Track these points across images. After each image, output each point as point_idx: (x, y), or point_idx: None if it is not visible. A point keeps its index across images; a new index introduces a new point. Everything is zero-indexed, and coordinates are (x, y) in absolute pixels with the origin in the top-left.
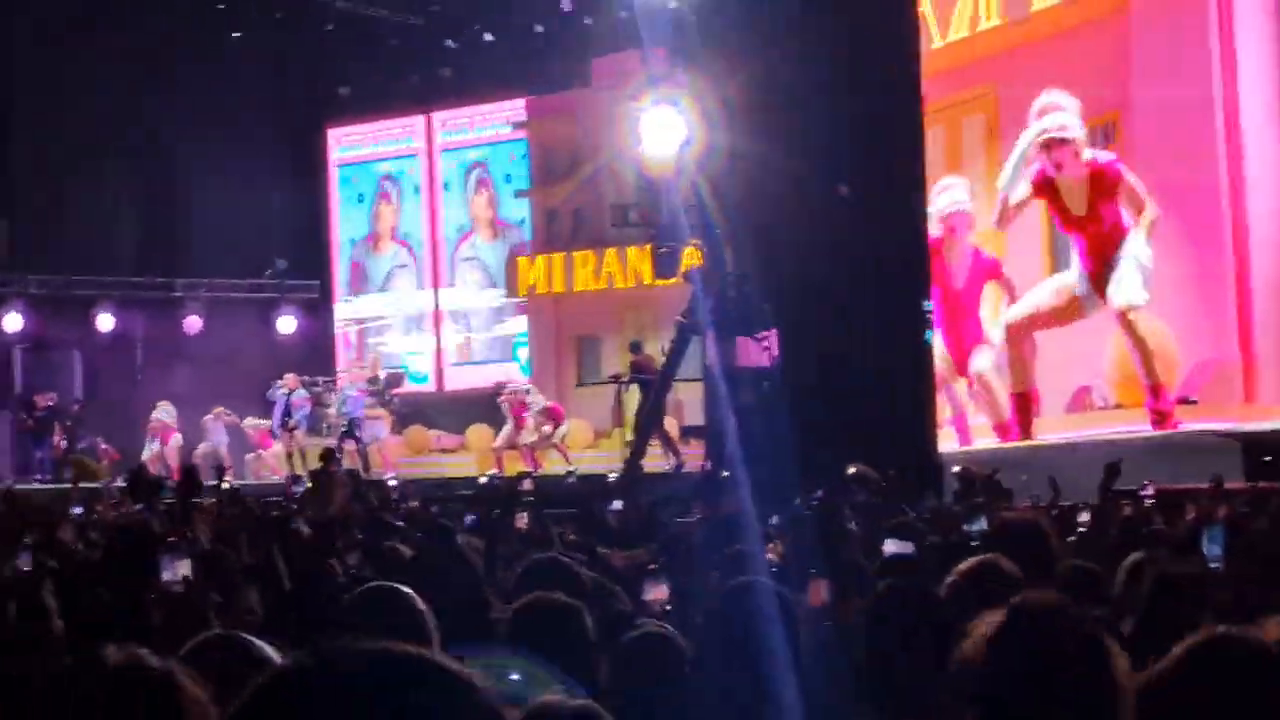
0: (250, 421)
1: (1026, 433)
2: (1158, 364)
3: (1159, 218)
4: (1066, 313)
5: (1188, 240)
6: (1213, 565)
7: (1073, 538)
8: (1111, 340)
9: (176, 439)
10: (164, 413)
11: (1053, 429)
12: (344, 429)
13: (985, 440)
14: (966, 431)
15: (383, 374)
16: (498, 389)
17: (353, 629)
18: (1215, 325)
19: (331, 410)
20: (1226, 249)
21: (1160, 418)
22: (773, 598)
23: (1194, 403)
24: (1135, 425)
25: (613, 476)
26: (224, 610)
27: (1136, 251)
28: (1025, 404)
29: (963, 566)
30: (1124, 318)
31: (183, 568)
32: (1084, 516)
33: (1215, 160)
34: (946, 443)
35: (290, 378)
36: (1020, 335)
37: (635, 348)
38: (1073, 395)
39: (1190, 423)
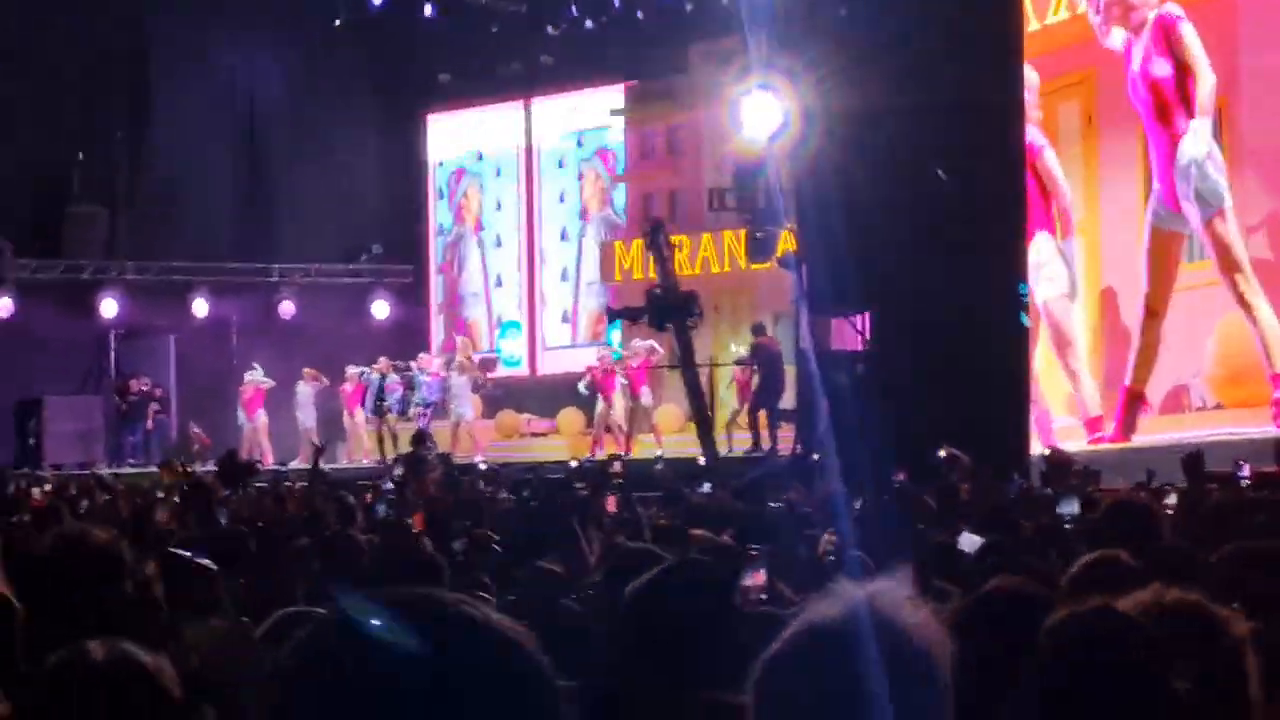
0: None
1: (1128, 434)
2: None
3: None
4: (1174, 260)
5: None
6: None
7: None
8: (1215, 335)
9: (262, 417)
10: (252, 375)
11: (1147, 431)
12: (422, 412)
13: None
14: (1048, 431)
15: (476, 358)
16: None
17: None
18: None
19: (416, 394)
20: None
21: None
22: None
23: None
24: (1242, 426)
25: (701, 460)
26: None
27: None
28: (1136, 401)
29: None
30: (1241, 297)
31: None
32: (1171, 499)
33: None
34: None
35: (383, 361)
36: (1156, 315)
37: (758, 330)
38: (1166, 395)
39: None
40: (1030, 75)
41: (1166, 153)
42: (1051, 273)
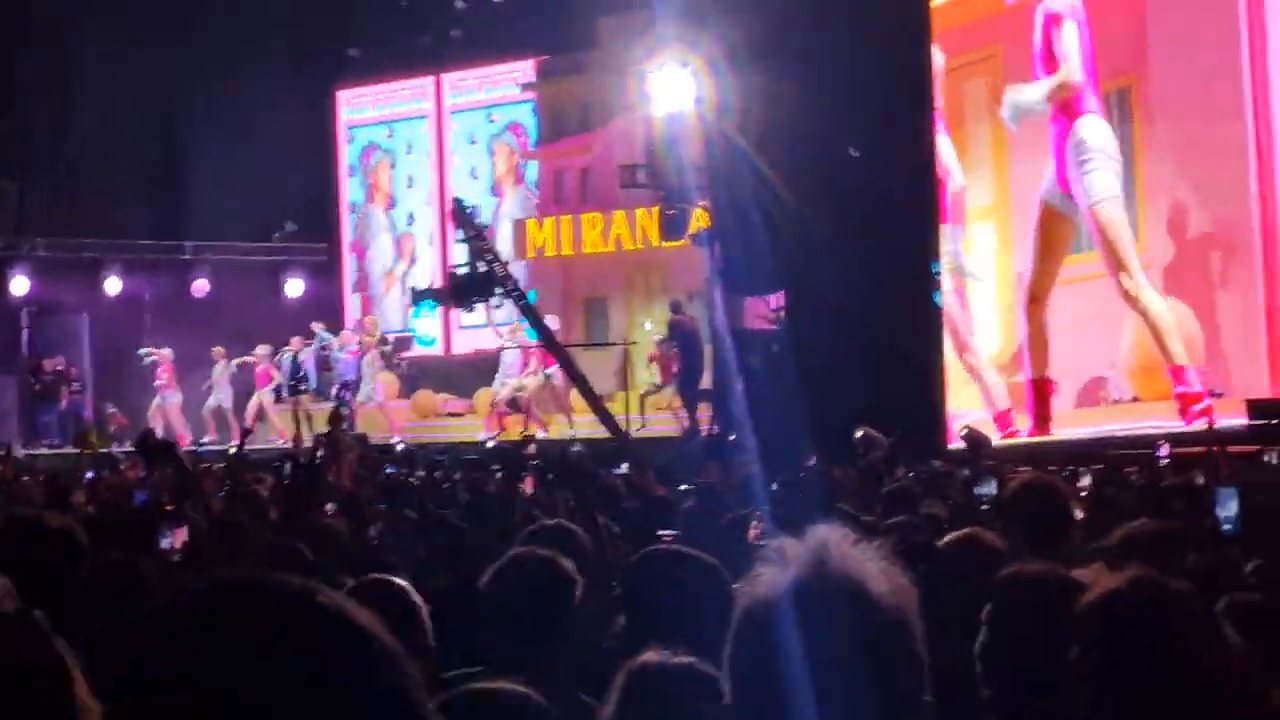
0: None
1: (1044, 427)
2: (1177, 342)
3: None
4: (1060, 243)
5: (1211, 210)
6: (1225, 528)
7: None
8: (1128, 323)
9: (176, 397)
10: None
11: (1064, 424)
12: (336, 391)
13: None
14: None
15: (390, 336)
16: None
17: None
18: (1242, 304)
19: (330, 373)
20: (1254, 221)
21: (1187, 403)
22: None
23: (1219, 395)
24: (1159, 420)
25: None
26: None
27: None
28: (1043, 392)
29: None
30: (1127, 294)
31: (180, 536)
32: (1085, 481)
33: (1243, 124)
34: None
35: (295, 341)
36: (1039, 301)
37: (675, 307)
38: (1082, 387)
39: (1226, 418)
40: (935, 56)
41: (1063, 129)
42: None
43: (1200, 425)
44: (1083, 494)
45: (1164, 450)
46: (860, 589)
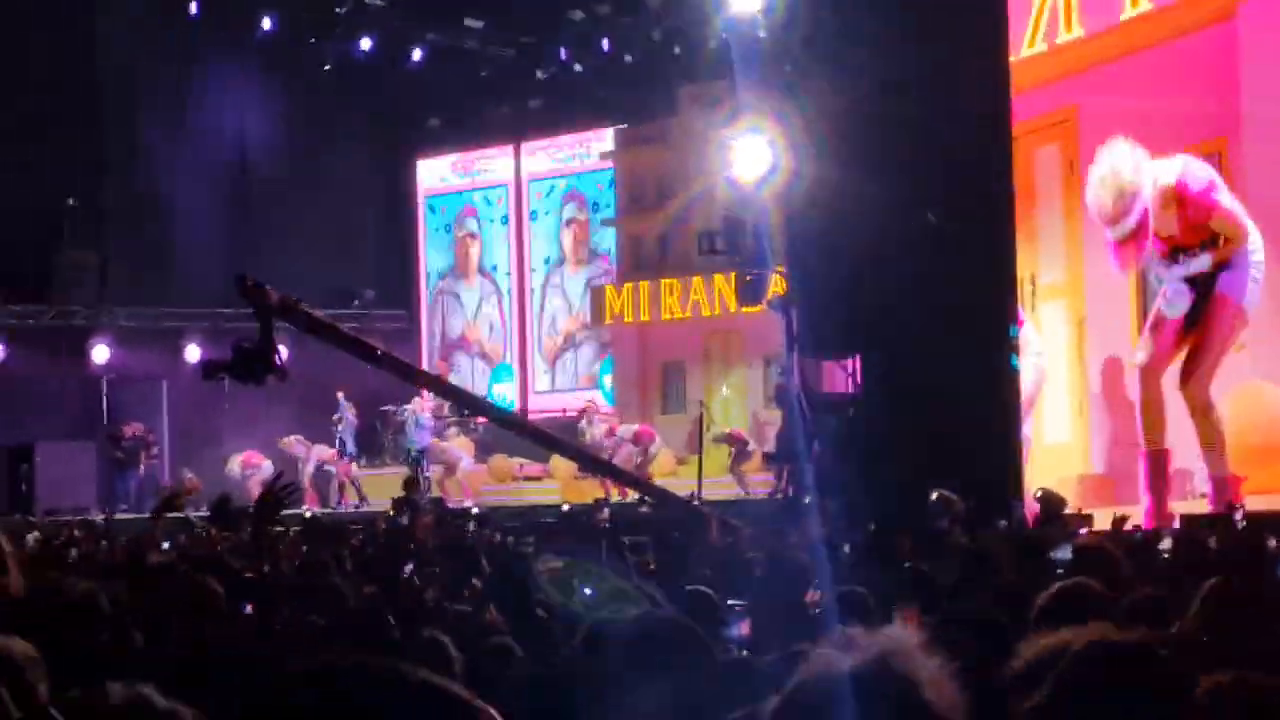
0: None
1: (1162, 505)
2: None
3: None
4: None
5: None
6: None
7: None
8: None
9: (267, 468)
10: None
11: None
12: (413, 457)
13: None
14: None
15: None
16: (583, 411)
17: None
18: None
19: (405, 438)
20: None
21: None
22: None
23: None
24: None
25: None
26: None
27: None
28: (1161, 465)
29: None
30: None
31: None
32: (1166, 544)
33: None
34: None
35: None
36: (1156, 370)
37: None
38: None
39: None
40: None
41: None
42: None
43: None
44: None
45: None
46: (914, 693)
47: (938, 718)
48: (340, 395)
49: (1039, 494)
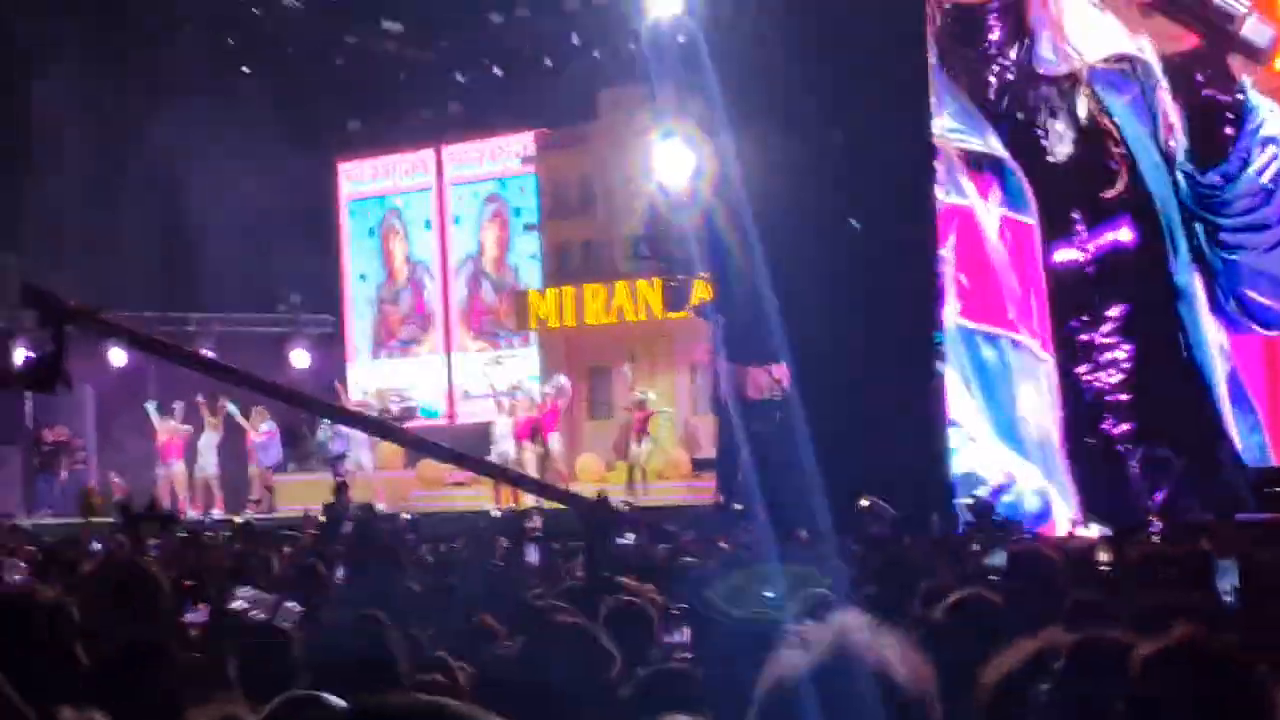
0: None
1: None
2: None
3: None
4: None
5: None
6: (1225, 599)
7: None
8: None
9: (179, 467)
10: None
11: None
12: (331, 461)
13: None
14: None
15: (394, 408)
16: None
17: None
18: None
19: (320, 445)
20: None
21: None
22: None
23: None
24: None
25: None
26: None
27: None
28: None
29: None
30: None
31: (203, 612)
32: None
33: None
34: None
35: (257, 412)
36: None
37: None
38: None
39: None
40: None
41: None
42: None
43: None
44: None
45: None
46: (880, 671)
47: (907, 691)
48: (256, 410)
49: (969, 501)
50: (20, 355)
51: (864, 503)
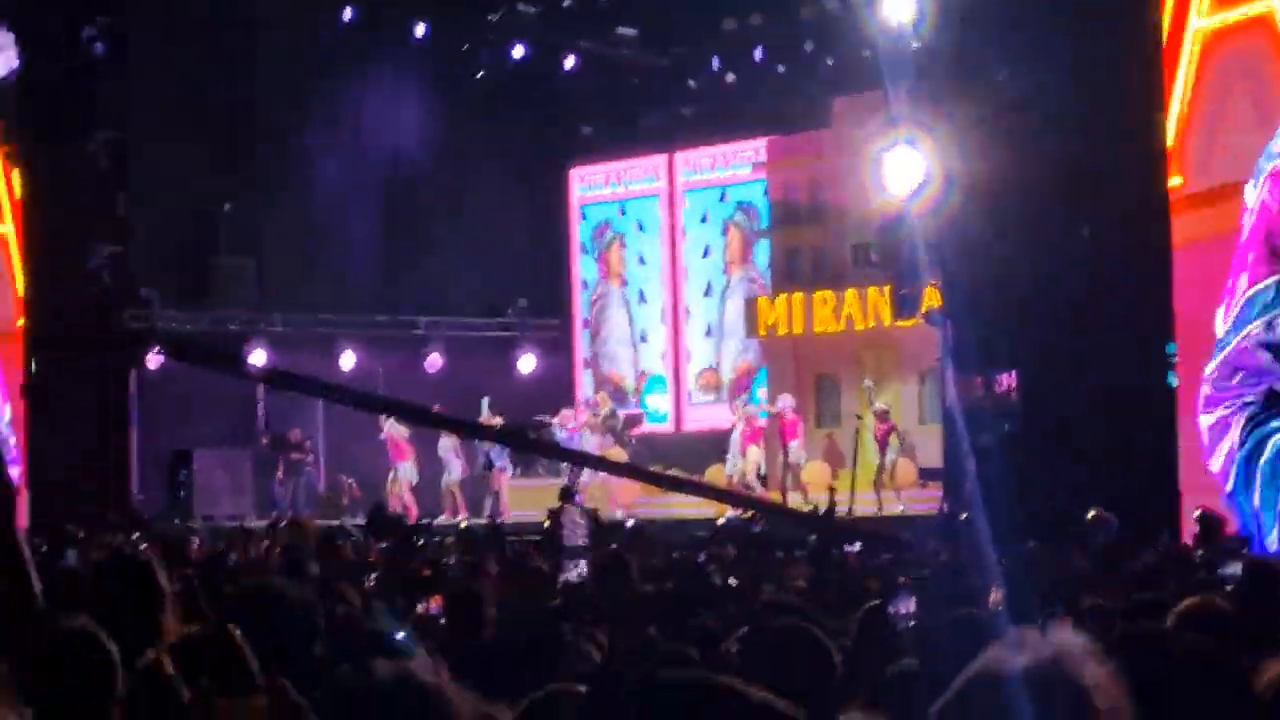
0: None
1: None
2: None
3: None
4: None
5: None
6: None
7: None
8: None
9: (408, 469)
10: (392, 426)
11: None
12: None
13: None
14: None
15: (621, 413)
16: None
17: None
18: None
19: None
20: None
21: None
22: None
23: None
24: None
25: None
26: None
27: None
28: None
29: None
30: None
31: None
32: None
33: None
34: None
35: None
36: None
37: None
38: None
39: None
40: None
41: None
42: None
43: None
44: None
45: None
46: (1084, 696)
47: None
48: (484, 401)
49: (1198, 514)
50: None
51: (1091, 514)
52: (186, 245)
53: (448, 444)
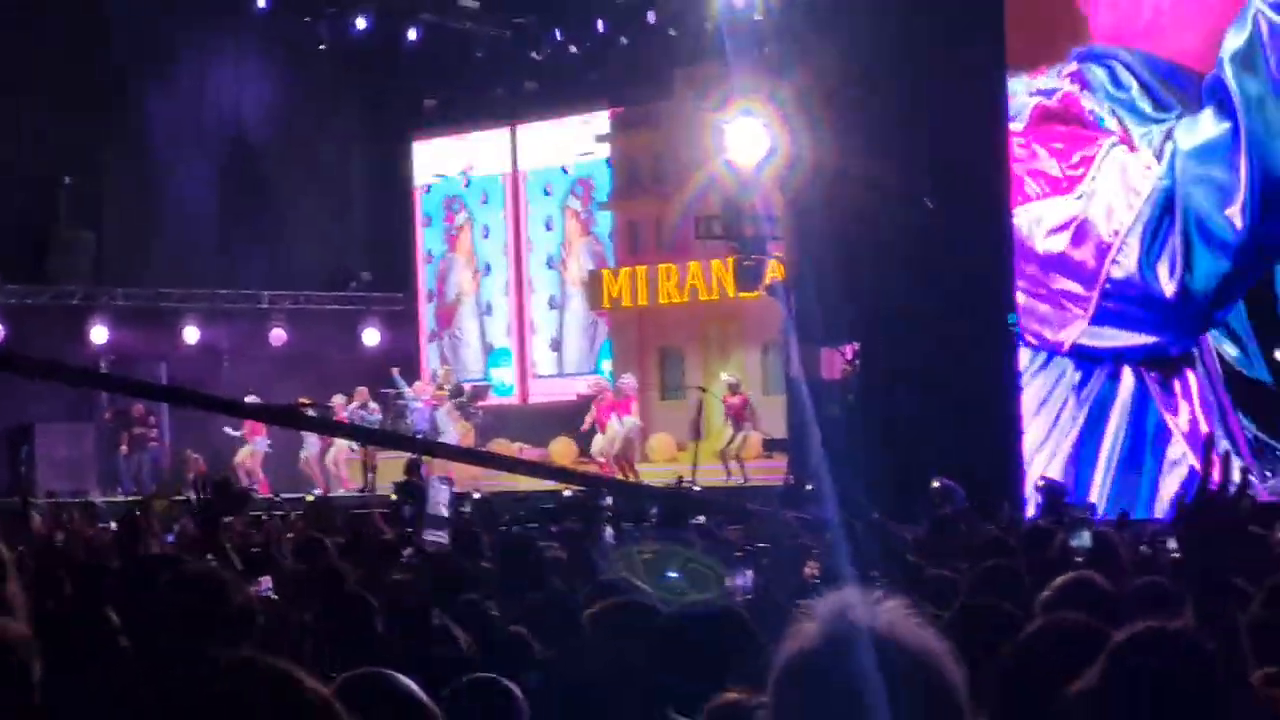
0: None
1: None
2: None
3: None
4: None
5: None
6: None
7: None
8: None
9: (261, 443)
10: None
11: None
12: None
13: None
14: None
15: (467, 386)
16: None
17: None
18: None
19: (405, 422)
20: None
21: None
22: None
23: None
24: None
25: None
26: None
27: None
28: None
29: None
30: None
31: (266, 584)
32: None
33: None
34: None
35: (360, 391)
36: None
37: None
38: None
39: None
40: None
41: None
42: None
43: None
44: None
45: None
46: (886, 635)
47: (917, 650)
48: (359, 389)
49: (1041, 483)
50: None
51: (935, 484)
52: (24, 218)
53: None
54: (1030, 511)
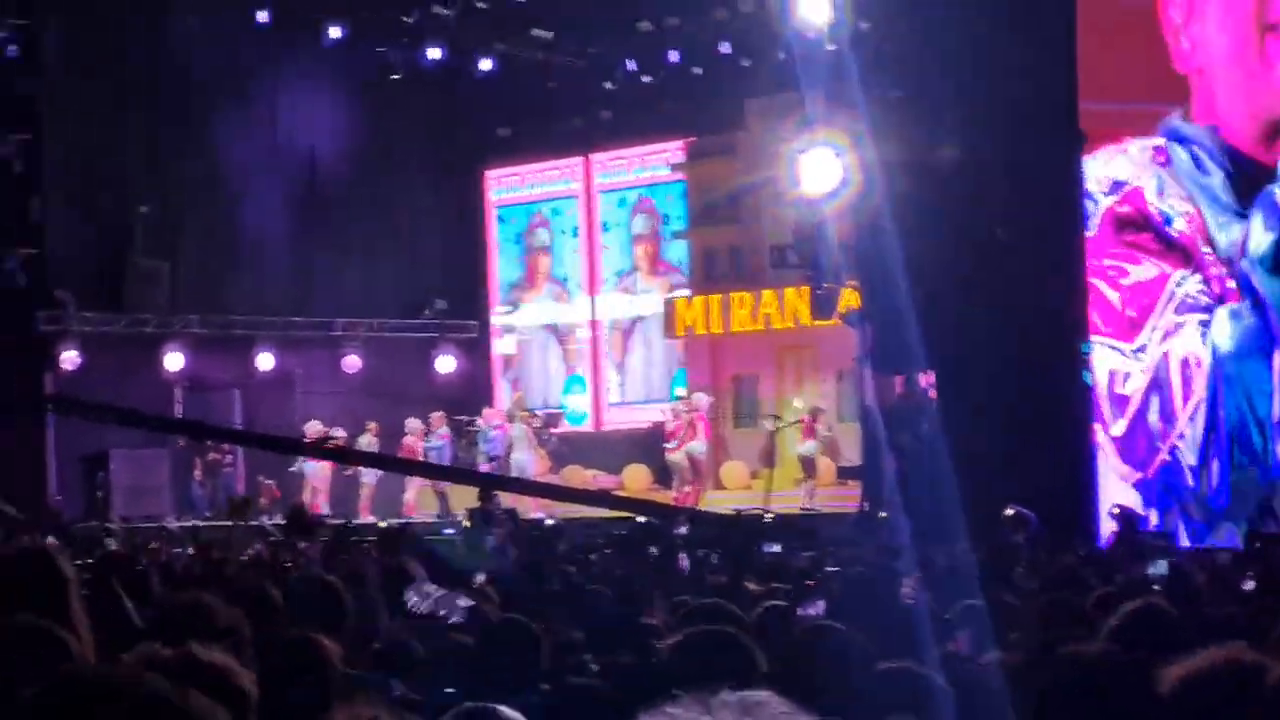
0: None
1: None
2: None
3: None
4: None
5: None
6: None
7: None
8: None
9: (324, 469)
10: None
11: None
12: (492, 461)
13: None
14: None
15: (540, 413)
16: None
17: None
18: None
19: (479, 449)
20: None
21: None
22: None
23: None
24: None
25: (769, 517)
26: None
27: None
28: None
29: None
30: None
31: None
32: None
33: None
34: None
35: (436, 417)
36: None
37: None
38: None
39: None
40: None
41: None
42: None
43: None
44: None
45: None
46: None
47: None
48: (435, 415)
49: (1116, 510)
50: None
51: (1009, 511)
52: (101, 248)
53: (364, 442)
54: (1104, 538)
